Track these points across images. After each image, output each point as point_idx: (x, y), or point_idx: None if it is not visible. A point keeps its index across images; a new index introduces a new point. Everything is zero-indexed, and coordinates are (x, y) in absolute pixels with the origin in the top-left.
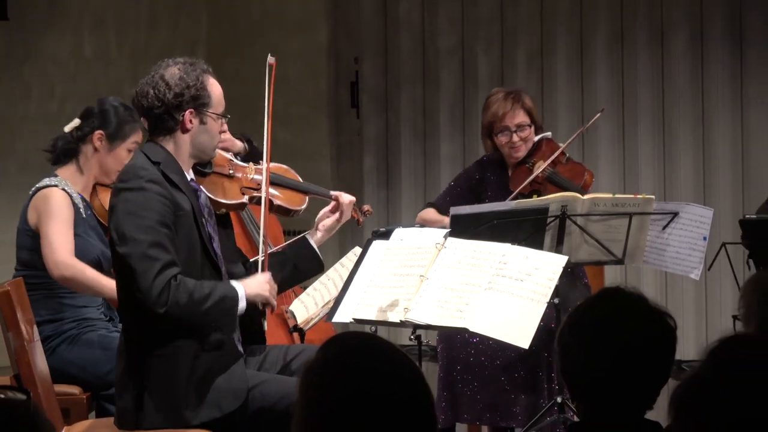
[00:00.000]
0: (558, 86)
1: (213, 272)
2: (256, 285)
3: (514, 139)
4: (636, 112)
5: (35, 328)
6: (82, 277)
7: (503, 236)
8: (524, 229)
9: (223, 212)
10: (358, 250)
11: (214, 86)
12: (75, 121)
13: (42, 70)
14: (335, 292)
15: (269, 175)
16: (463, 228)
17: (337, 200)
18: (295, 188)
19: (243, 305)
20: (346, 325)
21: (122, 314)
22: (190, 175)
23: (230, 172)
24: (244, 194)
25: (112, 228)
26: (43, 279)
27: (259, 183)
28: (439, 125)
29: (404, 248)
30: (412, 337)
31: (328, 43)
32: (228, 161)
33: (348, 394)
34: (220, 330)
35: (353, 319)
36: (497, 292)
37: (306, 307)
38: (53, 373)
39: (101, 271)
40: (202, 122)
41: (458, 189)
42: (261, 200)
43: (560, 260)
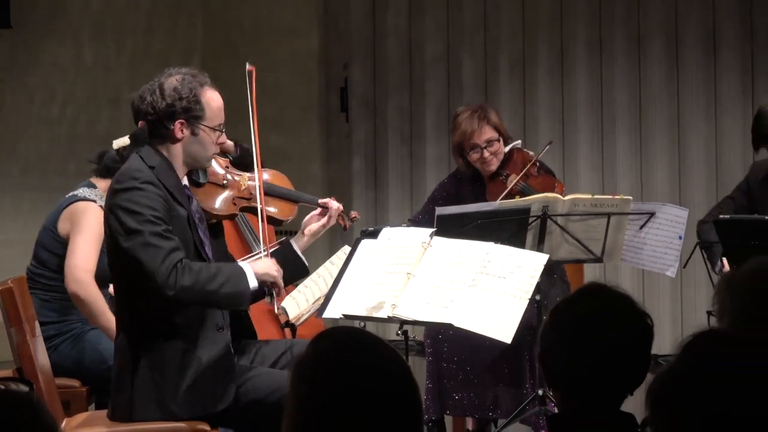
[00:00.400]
0: (539, 91)
1: None
2: (262, 265)
3: (485, 155)
4: (614, 115)
5: (37, 323)
6: (93, 303)
7: (487, 235)
8: (507, 229)
9: (214, 222)
10: (347, 248)
11: (211, 99)
12: (124, 140)
13: (44, 76)
14: (325, 289)
15: (261, 187)
16: (448, 228)
17: (325, 206)
18: (287, 197)
19: (254, 284)
20: (336, 321)
21: (119, 312)
22: (185, 181)
23: (224, 182)
24: (236, 204)
25: (112, 227)
26: (55, 282)
27: (252, 193)
28: (425, 129)
29: (392, 247)
30: (399, 332)
31: (319, 50)
32: (224, 169)
33: (338, 389)
34: (236, 310)
35: (343, 315)
36: (481, 289)
37: (297, 303)
38: (55, 369)
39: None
40: (194, 133)
41: (432, 205)
42: (252, 210)
43: (541, 258)
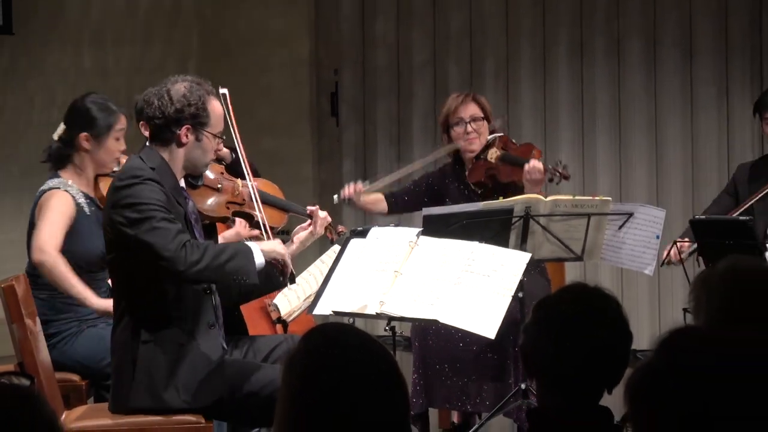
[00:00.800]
0: (522, 95)
1: None
2: (269, 244)
3: (468, 129)
4: (594, 116)
5: (38, 319)
6: (56, 268)
7: (472, 235)
8: (491, 229)
9: (207, 222)
10: (337, 247)
11: (215, 107)
12: (61, 127)
13: (44, 81)
14: (316, 287)
15: (256, 192)
16: (434, 227)
17: (312, 216)
18: (278, 206)
19: (261, 260)
20: (326, 317)
21: (117, 307)
22: (182, 183)
23: (218, 186)
24: (228, 208)
25: (116, 222)
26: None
27: (244, 198)
28: (412, 133)
29: (380, 246)
30: (387, 328)
31: (310, 56)
32: (219, 174)
33: (328, 383)
34: (247, 287)
35: (333, 311)
36: (466, 286)
37: (289, 300)
38: (55, 365)
39: (103, 266)
40: (198, 139)
41: (418, 189)
42: (244, 214)
43: (524, 257)
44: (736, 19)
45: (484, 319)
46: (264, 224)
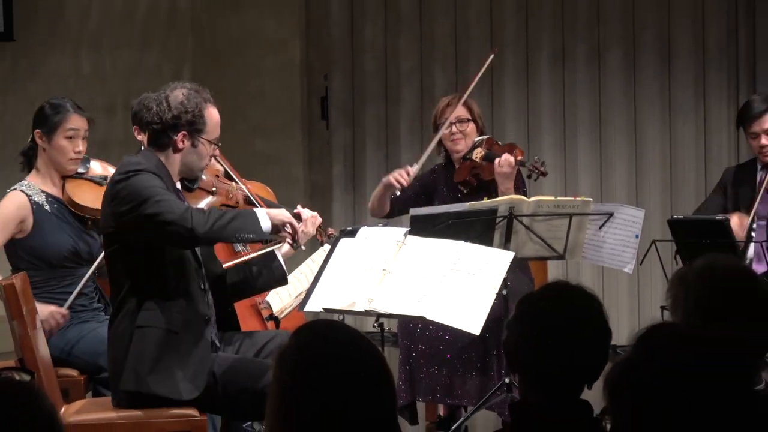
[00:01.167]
0: (506, 99)
1: (197, 266)
2: (274, 210)
3: (454, 129)
4: (576, 122)
5: (37, 316)
6: None
7: (457, 235)
8: (476, 228)
9: None
10: (327, 247)
11: (211, 115)
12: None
13: (44, 86)
14: (307, 285)
15: (246, 194)
16: (421, 227)
17: (297, 215)
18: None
19: (268, 224)
20: (317, 314)
21: (114, 296)
22: (178, 185)
23: (213, 189)
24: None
25: (116, 212)
26: (32, 278)
27: (238, 201)
28: (400, 136)
29: (369, 245)
30: (375, 324)
31: (301, 62)
32: (214, 178)
33: (318, 378)
34: (242, 284)
35: (323, 308)
36: (451, 284)
37: (281, 298)
38: (54, 359)
39: (79, 260)
40: (194, 145)
41: (411, 190)
42: None
43: (508, 256)
44: (713, 26)
45: (469, 316)
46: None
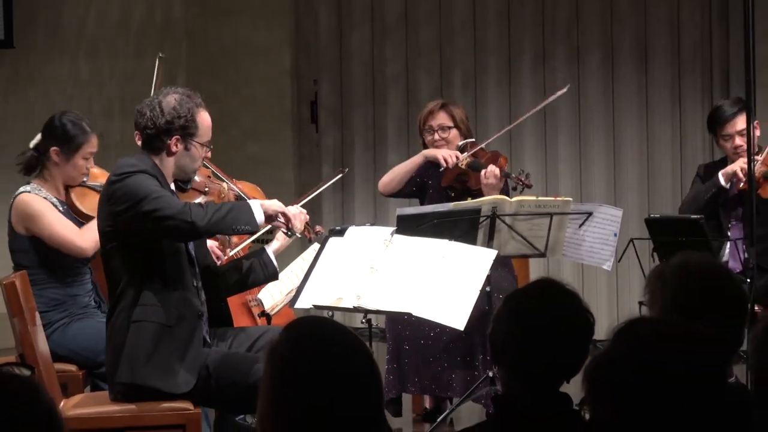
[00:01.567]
0: (489, 102)
1: (190, 264)
2: (267, 201)
3: (435, 137)
4: (556, 123)
5: (37, 314)
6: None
7: (442, 234)
8: (460, 228)
9: None
10: (316, 245)
11: (203, 119)
12: (38, 137)
13: (44, 91)
14: (297, 282)
15: (238, 194)
16: (407, 226)
17: (284, 214)
18: None
19: (261, 215)
20: (307, 311)
21: (111, 293)
22: (172, 187)
23: (206, 189)
24: None
25: (114, 211)
26: (34, 276)
27: (230, 200)
28: (386, 138)
29: (357, 244)
30: (363, 320)
31: (291, 68)
32: (206, 178)
33: (308, 373)
34: (234, 280)
35: (313, 305)
36: (437, 281)
37: (272, 295)
38: (53, 354)
39: (84, 261)
40: (186, 148)
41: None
42: None
43: (491, 254)
44: (688, 30)
45: (454, 312)
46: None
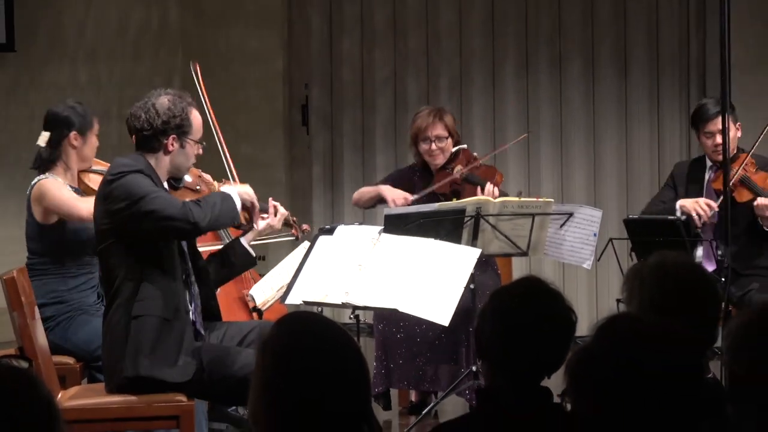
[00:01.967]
0: (474, 108)
1: (181, 260)
2: (241, 187)
3: (433, 147)
4: (538, 128)
5: (36, 308)
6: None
7: (428, 233)
8: (445, 227)
9: None
10: (306, 244)
11: (195, 117)
12: (45, 135)
13: (44, 94)
14: (288, 279)
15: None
16: (394, 226)
17: (275, 208)
18: None
19: (239, 202)
20: (297, 306)
21: (108, 289)
22: (165, 185)
23: (197, 187)
24: None
25: (111, 209)
26: (46, 266)
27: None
28: (375, 140)
29: (345, 242)
30: (351, 316)
31: (283, 73)
32: (197, 177)
33: (298, 365)
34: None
35: (303, 301)
36: (422, 278)
37: (264, 291)
38: (51, 347)
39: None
40: (182, 146)
41: (390, 182)
42: None
43: (475, 252)
44: (666, 38)
45: (439, 308)
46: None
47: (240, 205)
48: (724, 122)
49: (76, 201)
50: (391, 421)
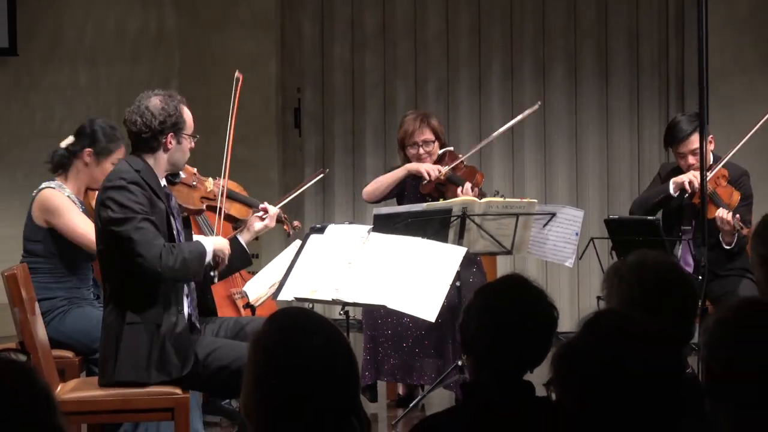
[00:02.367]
0: (460, 111)
1: None
2: (220, 243)
3: (420, 151)
4: (523, 131)
5: (36, 304)
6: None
7: (416, 232)
8: (432, 226)
9: (185, 215)
10: (298, 242)
11: (186, 113)
12: (70, 138)
13: (44, 97)
14: (280, 276)
15: (225, 189)
16: (383, 225)
17: (265, 210)
18: (242, 202)
19: (210, 257)
20: (289, 303)
21: (106, 290)
22: (163, 182)
23: (193, 183)
24: (202, 202)
25: (104, 217)
26: (43, 264)
27: (215, 194)
28: (365, 143)
29: (336, 241)
30: (341, 312)
31: (277, 77)
32: (192, 174)
33: (290, 364)
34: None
35: (294, 297)
36: (410, 276)
37: (256, 288)
38: (50, 342)
39: (91, 258)
40: (179, 142)
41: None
42: (215, 208)
43: (461, 251)
44: (646, 44)
45: (426, 305)
46: (229, 216)
47: (210, 260)
48: (702, 132)
49: (87, 233)
50: (378, 413)
